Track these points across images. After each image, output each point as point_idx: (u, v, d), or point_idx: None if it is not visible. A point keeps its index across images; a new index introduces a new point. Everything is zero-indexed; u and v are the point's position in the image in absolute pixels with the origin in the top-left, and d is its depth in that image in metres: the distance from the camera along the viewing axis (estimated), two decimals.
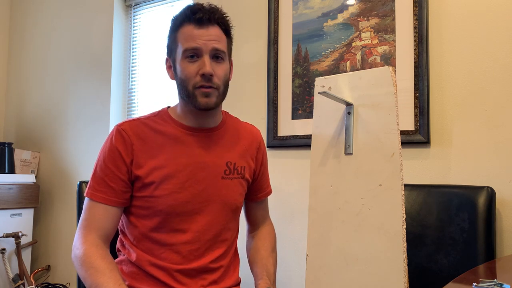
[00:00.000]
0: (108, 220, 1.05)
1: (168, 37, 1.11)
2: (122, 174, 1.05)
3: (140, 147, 1.06)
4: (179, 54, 1.05)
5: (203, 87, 1.03)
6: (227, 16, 1.09)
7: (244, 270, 1.25)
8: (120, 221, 1.13)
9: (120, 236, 1.14)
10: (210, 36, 1.03)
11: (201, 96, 1.03)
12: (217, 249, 1.12)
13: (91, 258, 0.99)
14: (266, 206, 1.32)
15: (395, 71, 1.07)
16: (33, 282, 2.47)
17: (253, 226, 1.30)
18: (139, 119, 1.12)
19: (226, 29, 1.08)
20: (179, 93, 1.09)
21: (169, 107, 1.17)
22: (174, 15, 1.09)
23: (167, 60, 1.13)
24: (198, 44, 1.02)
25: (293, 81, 1.86)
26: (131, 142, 1.06)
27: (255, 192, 1.26)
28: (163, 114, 1.13)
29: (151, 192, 1.05)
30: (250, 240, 1.29)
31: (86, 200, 1.06)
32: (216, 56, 1.05)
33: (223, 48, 1.06)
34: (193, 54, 1.03)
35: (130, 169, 1.05)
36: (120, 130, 1.07)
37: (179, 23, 1.06)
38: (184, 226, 1.07)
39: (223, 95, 1.08)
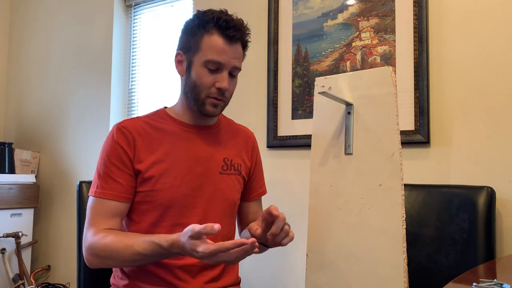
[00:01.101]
0: (117, 216, 1.06)
1: (186, 33, 1.10)
2: (127, 168, 1.06)
3: (141, 143, 1.08)
4: (200, 60, 1.06)
5: (216, 99, 1.08)
6: (249, 34, 1.12)
7: (244, 271, 1.25)
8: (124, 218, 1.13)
9: None
10: (235, 54, 1.08)
11: (210, 105, 1.09)
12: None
13: (108, 236, 1.00)
14: (259, 207, 1.32)
15: (395, 71, 1.07)
16: (33, 282, 2.47)
17: (244, 226, 1.30)
18: (137, 117, 1.15)
19: (245, 46, 1.13)
20: (186, 92, 1.11)
21: (165, 107, 1.20)
22: (200, 14, 1.09)
23: (178, 54, 1.13)
24: (223, 60, 1.06)
25: (293, 81, 1.86)
26: (133, 138, 1.08)
27: (249, 191, 1.27)
28: (161, 113, 1.17)
29: (151, 186, 1.07)
30: (242, 232, 1.29)
31: (92, 199, 1.06)
32: (232, 73, 1.10)
33: (240, 66, 1.11)
34: (215, 67, 1.06)
35: (133, 164, 1.07)
36: (121, 127, 1.09)
37: (208, 28, 1.06)
38: (184, 220, 1.08)
39: (226, 105, 1.14)
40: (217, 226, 0.84)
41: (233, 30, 1.05)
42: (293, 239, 0.99)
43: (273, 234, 0.96)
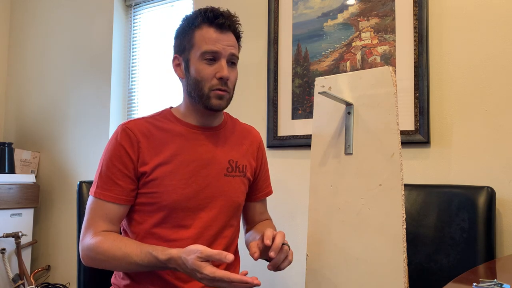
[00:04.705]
0: (116, 218, 1.06)
1: (179, 35, 1.13)
2: (128, 171, 1.06)
3: (146, 145, 1.08)
4: (196, 55, 1.07)
5: (219, 90, 1.07)
6: (240, 24, 1.14)
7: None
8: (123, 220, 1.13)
9: (122, 235, 1.14)
10: (229, 41, 1.08)
11: (215, 98, 1.07)
12: (219, 245, 1.12)
13: (107, 241, 1.01)
14: (264, 207, 1.32)
15: (395, 71, 1.07)
16: (33, 282, 2.47)
17: (250, 226, 1.30)
18: (143, 118, 1.14)
19: (238, 36, 1.14)
20: (189, 92, 1.11)
21: (171, 107, 1.18)
22: (187, 15, 1.12)
23: (175, 58, 1.14)
24: (218, 48, 1.06)
25: (293, 81, 1.86)
26: (138, 140, 1.07)
27: (254, 192, 1.27)
28: (166, 114, 1.16)
29: (156, 188, 1.06)
30: (248, 233, 1.29)
31: (92, 199, 1.07)
32: (231, 61, 1.09)
33: (237, 54, 1.11)
34: (212, 57, 1.06)
35: (136, 167, 1.06)
36: (126, 128, 1.08)
37: (197, 24, 1.08)
38: (188, 222, 1.08)
39: (231, 98, 1.13)
40: (230, 256, 0.86)
41: (222, 18, 1.07)
42: (291, 263, 1.01)
43: (273, 262, 0.97)
